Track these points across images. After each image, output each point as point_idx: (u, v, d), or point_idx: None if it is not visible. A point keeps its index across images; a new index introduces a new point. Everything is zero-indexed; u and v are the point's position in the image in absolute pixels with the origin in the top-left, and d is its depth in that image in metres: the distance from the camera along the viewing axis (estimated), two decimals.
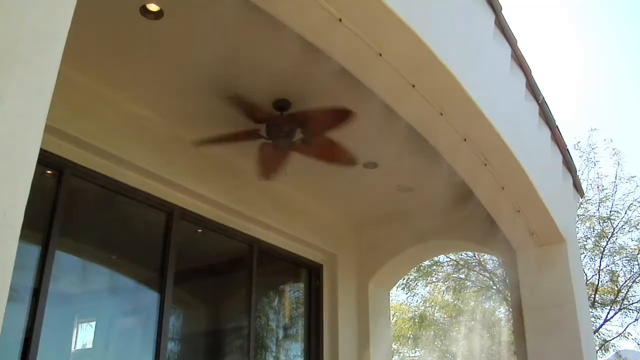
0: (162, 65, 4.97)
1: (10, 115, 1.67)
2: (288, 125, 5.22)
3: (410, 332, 20.02)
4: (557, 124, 6.33)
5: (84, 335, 5.66)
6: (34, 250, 4.66)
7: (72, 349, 5.43)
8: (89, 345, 5.67)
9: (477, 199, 5.86)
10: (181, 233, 5.96)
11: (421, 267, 16.82)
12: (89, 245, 5.69)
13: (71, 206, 5.00)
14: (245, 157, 5.83)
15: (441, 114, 4.48)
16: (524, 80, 5.62)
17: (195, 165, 5.90)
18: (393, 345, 19.40)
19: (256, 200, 6.57)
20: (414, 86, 4.16)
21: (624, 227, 15.58)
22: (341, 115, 5.01)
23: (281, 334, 7.88)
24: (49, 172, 4.89)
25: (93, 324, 5.77)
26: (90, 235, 5.61)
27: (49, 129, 4.43)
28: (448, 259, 16.79)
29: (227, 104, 4.98)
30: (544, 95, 5.94)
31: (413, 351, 21.79)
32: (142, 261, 6.14)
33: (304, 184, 6.94)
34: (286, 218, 6.99)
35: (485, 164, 5.15)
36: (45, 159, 4.65)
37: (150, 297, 5.83)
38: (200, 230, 6.45)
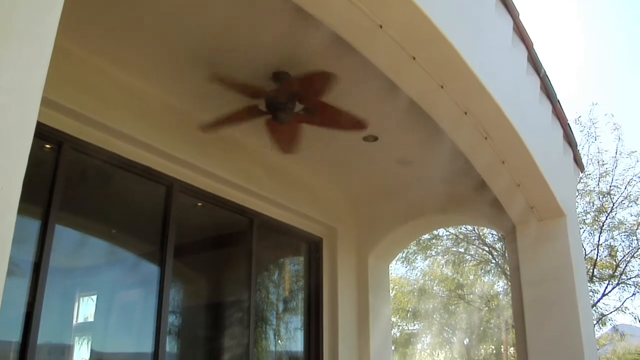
0: (160, 38, 4.92)
1: (6, 87, 1.65)
2: (284, 98, 5.17)
3: (409, 306, 20.17)
4: (558, 98, 6.29)
5: (85, 309, 5.69)
6: (34, 225, 4.66)
7: (74, 322, 5.46)
8: (91, 319, 5.70)
9: (477, 173, 5.85)
10: (181, 206, 5.95)
11: (421, 241, 16.89)
12: (89, 219, 5.69)
13: (70, 180, 4.99)
14: (245, 131, 5.80)
15: (442, 87, 4.45)
16: (525, 53, 5.57)
17: (195, 139, 5.88)
18: (392, 319, 19.56)
19: (256, 174, 6.56)
20: (414, 59, 4.12)
21: (623, 202, 15.62)
22: (355, 124, 5.01)
23: (281, 307, 7.92)
24: (47, 146, 4.87)
25: (94, 297, 5.79)
26: (90, 209, 5.61)
27: (47, 103, 4.42)
28: (447, 233, 16.85)
29: (218, 86, 4.95)
30: (545, 69, 5.90)
31: (412, 324, 21.99)
32: (142, 235, 6.15)
33: (304, 158, 6.92)
34: (286, 191, 6.99)
35: (486, 138, 5.12)
36: (44, 132, 4.64)
37: (151, 271, 5.84)
38: (200, 204, 6.44)
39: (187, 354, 6.58)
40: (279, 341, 7.79)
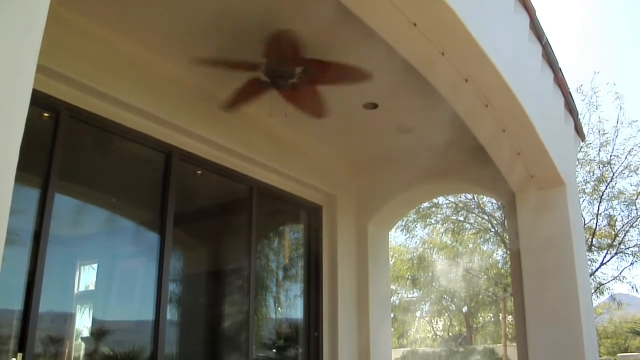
0: (160, 5, 4.85)
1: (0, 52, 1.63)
2: (290, 68, 5.13)
3: (408, 273, 20.29)
4: (560, 66, 6.24)
5: (86, 278, 5.71)
6: (34, 194, 4.65)
7: (75, 291, 5.49)
8: (92, 287, 5.73)
9: (478, 141, 5.83)
10: (180, 174, 5.94)
11: (420, 209, 16.92)
12: (89, 187, 5.69)
13: (69, 149, 4.96)
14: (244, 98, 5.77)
15: (443, 54, 4.41)
16: (527, 20, 5.51)
17: (194, 106, 5.85)
18: (392, 286, 19.70)
19: (255, 142, 6.54)
20: (415, 25, 4.08)
21: (623, 171, 15.60)
22: (358, 75, 4.96)
23: (281, 274, 7.96)
24: (45, 114, 4.84)
25: (95, 266, 5.81)
26: (89, 178, 5.60)
27: (44, 70, 4.40)
28: (447, 201, 16.86)
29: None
30: (547, 36, 5.84)
31: (411, 292, 22.15)
32: (142, 203, 6.15)
33: (303, 125, 6.89)
34: (285, 159, 6.97)
35: (487, 105, 5.09)
36: (42, 101, 4.61)
37: (151, 239, 5.86)
38: (199, 172, 6.44)
39: (188, 321, 6.62)
40: (279, 308, 7.84)
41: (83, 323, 5.57)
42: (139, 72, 5.38)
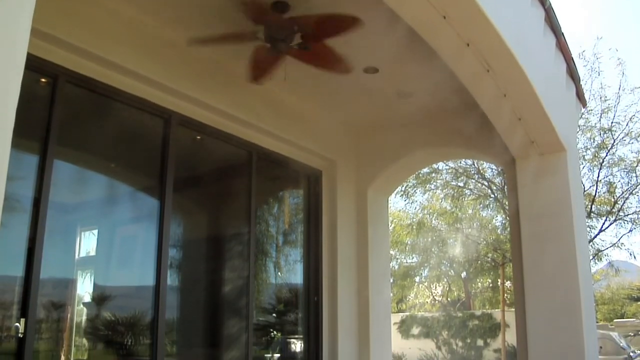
0: None
1: None
2: (288, 29, 5.08)
3: (408, 239, 20.36)
4: (562, 31, 6.17)
5: (87, 243, 5.73)
6: (32, 160, 4.64)
7: (76, 256, 5.51)
8: (92, 253, 5.75)
9: (478, 106, 5.79)
10: (180, 140, 5.92)
11: (420, 175, 16.89)
12: (88, 153, 5.67)
13: (67, 114, 4.93)
14: (243, 63, 5.71)
15: (444, 18, 4.35)
16: None
17: (193, 71, 5.80)
18: (391, 251, 19.80)
19: (255, 107, 6.50)
20: None
21: (624, 138, 15.53)
22: (346, 23, 4.88)
23: (281, 239, 7.99)
24: (43, 80, 4.80)
25: (95, 232, 5.83)
26: (88, 144, 5.58)
27: (41, 35, 4.35)
28: (447, 167, 16.82)
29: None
30: (550, 0, 5.76)
31: (411, 257, 22.26)
32: (141, 168, 6.14)
33: (303, 90, 6.85)
34: (285, 124, 6.94)
35: (488, 70, 5.05)
36: (38, 66, 4.56)
37: (151, 205, 5.86)
38: (199, 137, 6.41)
39: (189, 286, 6.66)
40: (279, 273, 7.89)
41: (84, 289, 5.61)
42: (137, 36, 5.32)
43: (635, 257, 17.07)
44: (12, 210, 4.54)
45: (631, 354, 17.44)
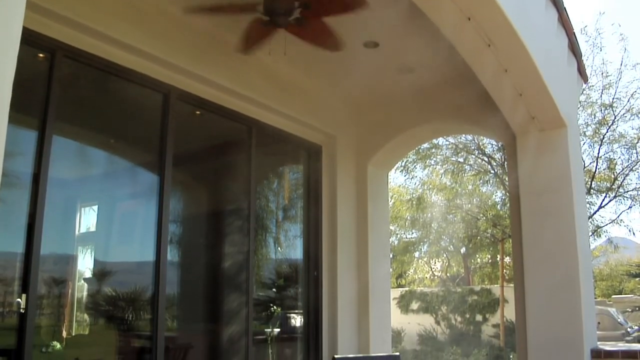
0: None
1: None
2: (289, 3, 5.02)
3: (407, 214, 20.40)
4: (564, 5, 6.11)
5: (87, 219, 5.74)
6: (31, 135, 4.62)
7: (76, 232, 5.52)
8: (92, 229, 5.76)
9: (479, 82, 5.76)
10: (179, 115, 5.89)
11: (420, 150, 16.87)
12: (86, 129, 5.66)
13: (66, 90, 4.90)
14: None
15: None
16: None
17: (192, 45, 5.75)
18: (391, 227, 19.83)
19: (254, 81, 6.46)
20: None
21: (625, 115, 15.48)
22: (352, 3, 4.83)
23: (281, 215, 8.00)
24: (40, 55, 4.75)
25: (95, 207, 5.83)
26: (87, 119, 5.56)
27: (39, 9, 4.30)
28: (447, 142, 16.80)
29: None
30: None
31: (410, 232, 22.31)
32: (140, 144, 6.13)
33: (303, 65, 6.80)
34: (285, 99, 6.90)
35: (489, 45, 5.00)
36: (37, 40, 4.52)
37: (150, 180, 5.85)
38: (198, 112, 6.38)
39: (189, 261, 6.69)
40: (279, 248, 7.91)
41: (85, 264, 5.64)
42: (136, 10, 5.25)
43: (634, 234, 17.15)
44: (12, 187, 4.54)
45: (628, 329, 17.58)
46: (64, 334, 5.19)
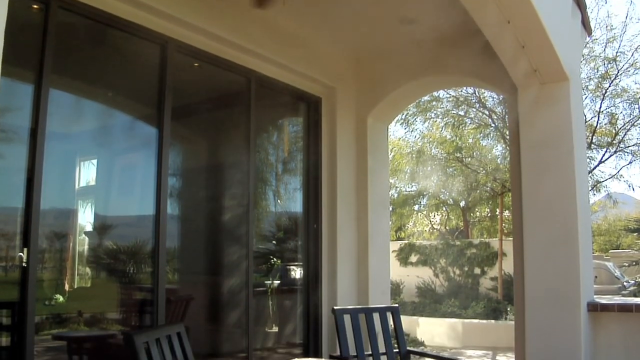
0: None
1: None
2: None
3: (407, 167, 20.41)
4: None
5: (87, 173, 5.72)
6: (27, 89, 4.57)
7: (76, 186, 5.51)
8: (92, 183, 5.75)
9: (481, 33, 5.68)
10: (177, 67, 5.81)
11: (420, 103, 16.78)
12: (83, 82, 5.58)
13: (61, 42, 4.80)
14: None
15: None
16: None
17: None
18: (390, 180, 19.86)
19: (253, 32, 6.37)
20: None
21: (628, 69, 15.32)
22: None
23: (280, 168, 7.99)
24: (35, 6, 4.66)
25: (94, 161, 5.81)
26: (84, 72, 5.49)
27: None
28: (447, 95, 16.68)
29: None
30: None
31: (410, 186, 22.36)
32: (138, 97, 6.07)
33: (302, 14, 6.69)
34: (284, 50, 6.81)
35: None
36: None
37: (149, 133, 5.80)
38: (196, 64, 6.31)
39: (189, 215, 6.71)
40: (279, 201, 7.92)
41: (85, 218, 5.64)
42: None
43: (633, 189, 17.25)
44: (9, 141, 4.52)
45: (625, 283, 17.78)
46: (67, 287, 5.23)
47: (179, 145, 6.47)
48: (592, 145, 15.77)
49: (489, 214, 23.30)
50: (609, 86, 15.38)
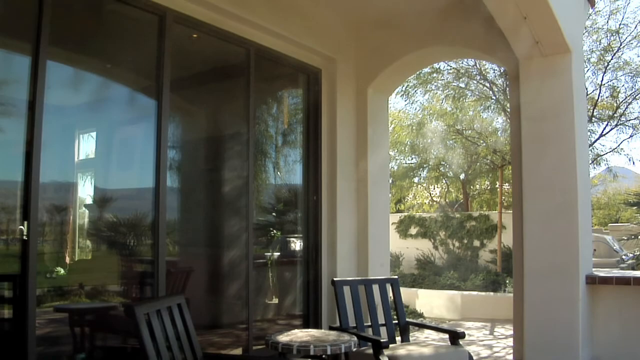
0: None
1: None
2: None
3: (407, 139, 20.37)
4: None
5: (86, 146, 5.70)
6: (24, 61, 4.52)
7: (76, 159, 5.49)
8: (92, 156, 5.74)
9: (483, 4, 5.63)
10: (175, 38, 5.76)
11: (421, 75, 16.67)
12: (81, 54, 5.53)
13: (59, 14, 4.74)
14: None
15: None
16: None
17: None
18: (390, 152, 19.84)
19: (252, 2, 6.29)
20: None
21: (631, 41, 15.16)
22: None
23: (280, 140, 7.97)
24: None
25: (93, 134, 5.79)
26: (81, 44, 5.44)
27: None
28: (448, 67, 16.56)
29: None
30: None
31: (410, 158, 22.34)
32: (137, 69, 6.02)
33: None
34: (284, 20, 6.74)
35: None
36: None
37: (148, 105, 5.77)
38: (195, 35, 6.26)
39: (188, 187, 6.70)
40: (278, 173, 7.92)
41: (85, 191, 5.64)
42: None
43: (634, 163, 17.22)
44: (8, 115, 4.50)
45: (623, 256, 17.86)
46: (68, 260, 5.25)
47: (178, 117, 6.44)
48: (593, 118, 15.70)
49: (489, 187, 23.31)
50: (611, 59, 15.26)
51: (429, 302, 12.87)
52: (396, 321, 5.62)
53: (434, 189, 26.45)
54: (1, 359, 4.39)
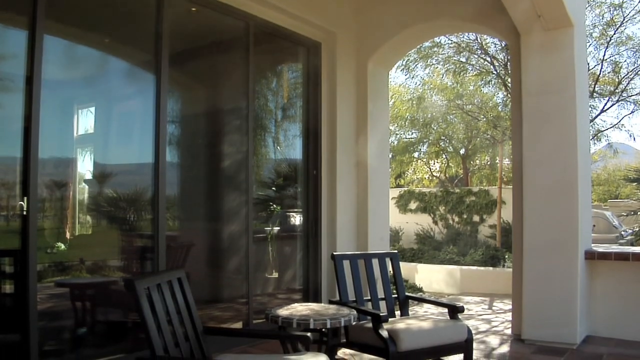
0: None
1: None
2: None
3: (407, 114, 20.29)
4: None
5: (85, 121, 5.67)
6: (21, 35, 4.48)
7: (75, 134, 5.47)
8: (91, 131, 5.71)
9: None
10: (174, 12, 5.71)
11: (421, 49, 16.52)
12: (79, 28, 5.48)
13: None
14: None
15: None
16: None
17: None
18: (390, 127, 19.79)
19: None
20: None
21: (635, 16, 14.97)
22: None
23: (280, 114, 7.93)
24: None
25: (92, 109, 5.76)
26: (79, 18, 5.38)
27: None
28: (449, 41, 16.42)
29: None
30: None
31: (410, 133, 22.28)
32: (135, 43, 5.97)
33: None
34: None
35: None
36: None
37: (147, 80, 5.74)
38: (194, 9, 6.20)
39: (188, 162, 6.69)
40: (278, 148, 7.90)
41: (85, 167, 5.62)
42: None
43: (634, 139, 17.12)
44: (6, 90, 4.47)
45: (622, 232, 17.88)
46: (68, 235, 5.25)
47: (177, 91, 6.41)
48: (594, 93, 15.60)
49: (489, 162, 23.28)
50: (614, 34, 15.10)
51: (428, 276, 12.92)
52: (395, 295, 5.63)
53: (434, 163, 26.41)
54: (3, 334, 4.42)
